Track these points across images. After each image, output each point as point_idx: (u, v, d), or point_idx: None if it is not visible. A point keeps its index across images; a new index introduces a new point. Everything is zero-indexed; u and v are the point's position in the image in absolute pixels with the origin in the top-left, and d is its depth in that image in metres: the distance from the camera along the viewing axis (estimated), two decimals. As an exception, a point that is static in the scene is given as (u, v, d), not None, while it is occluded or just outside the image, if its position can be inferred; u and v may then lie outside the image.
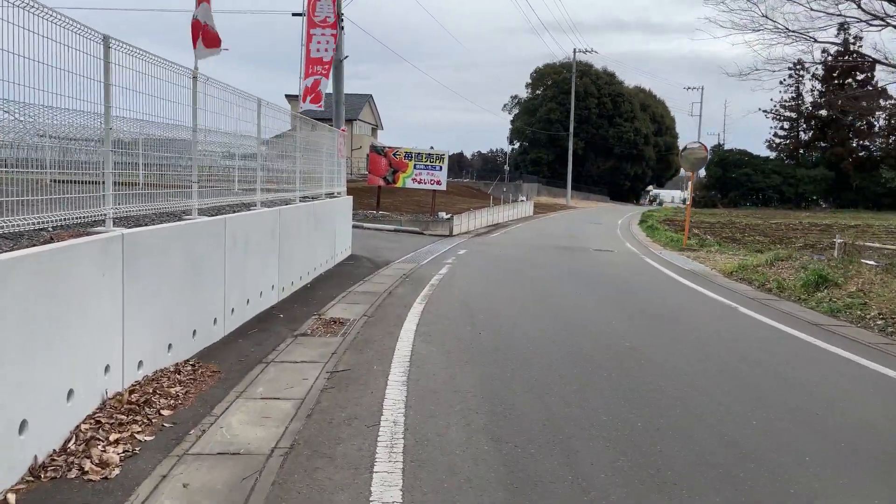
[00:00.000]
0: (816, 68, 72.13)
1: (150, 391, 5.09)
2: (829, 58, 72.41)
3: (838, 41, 68.96)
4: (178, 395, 5.16)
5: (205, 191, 6.93)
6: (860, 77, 70.64)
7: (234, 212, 7.73)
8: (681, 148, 21.44)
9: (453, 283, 11.57)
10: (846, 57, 71.73)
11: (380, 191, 24.60)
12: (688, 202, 20.20)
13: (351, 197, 14.91)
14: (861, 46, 71.24)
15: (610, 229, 30.90)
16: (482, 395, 5.51)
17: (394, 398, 5.33)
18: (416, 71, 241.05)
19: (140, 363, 5.24)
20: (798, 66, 74.45)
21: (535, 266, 14.63)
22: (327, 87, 10.80)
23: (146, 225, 5.65)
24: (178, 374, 5.63)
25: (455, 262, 14.57)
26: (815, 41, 18.71)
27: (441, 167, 23.70)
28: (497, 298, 10.13)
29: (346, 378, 5.85)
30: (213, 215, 7.00)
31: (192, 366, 5.89)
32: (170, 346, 5.74)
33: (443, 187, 24.08)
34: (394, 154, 23.86)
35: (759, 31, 18.45)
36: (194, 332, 6.25)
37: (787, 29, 17.82)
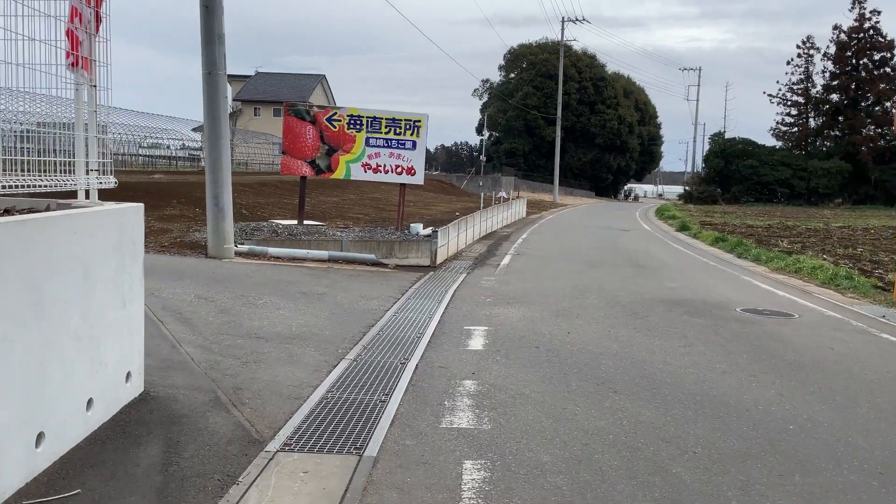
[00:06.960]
0: (829, 46, 63.67)
1: None
2: (843, 35, 64.51)
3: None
4: None
5: None
6: (877, 57, 62.23)
7: None
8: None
9: None
10: (860, 35, 63.90)
11: (305, 186, 13.98)
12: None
13: (126, 206, 4.29)
14: (878, 22, 63.60)
15: (658, 242, 20.80)
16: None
17: None
18: (371, 63, 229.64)
19: None
20: (808, 45, 66.19)
21: None
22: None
23: None
24: None
25: (494, 481, 4.17)
26: None
27: (415, 143, 13.16)
28: None
29: None
30: None
31: None
32: None
33: (418, 180, 13.46)
34: (329, 119, 13.24)
35: None
36: None
37: None
